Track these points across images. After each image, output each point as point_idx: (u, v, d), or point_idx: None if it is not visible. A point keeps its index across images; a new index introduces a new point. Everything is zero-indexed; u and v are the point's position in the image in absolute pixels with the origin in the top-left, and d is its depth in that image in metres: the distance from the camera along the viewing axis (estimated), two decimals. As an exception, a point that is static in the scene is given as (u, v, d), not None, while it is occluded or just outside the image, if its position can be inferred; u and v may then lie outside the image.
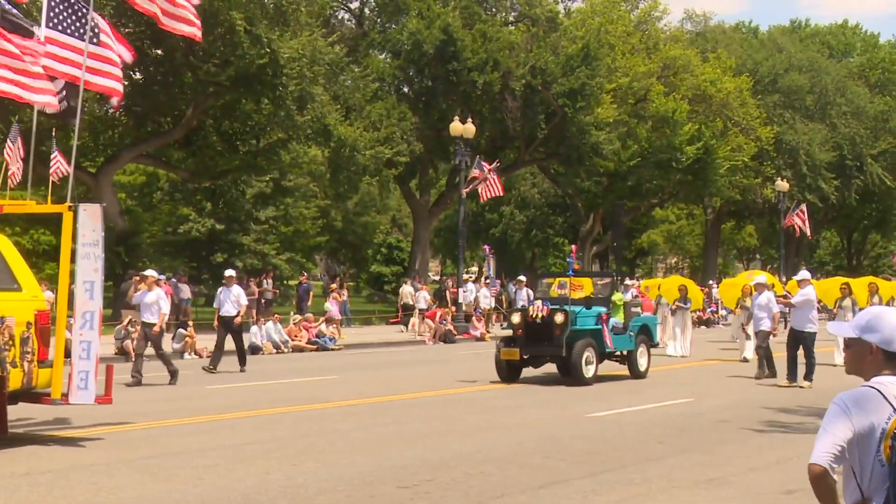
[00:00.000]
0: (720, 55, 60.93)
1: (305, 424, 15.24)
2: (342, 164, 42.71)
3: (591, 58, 47.32)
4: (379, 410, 16.98)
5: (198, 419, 15.72)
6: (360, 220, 75.94)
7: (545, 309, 21.32)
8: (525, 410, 17.11)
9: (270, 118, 38.92)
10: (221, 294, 24.08)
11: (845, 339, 4.82)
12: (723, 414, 16.79)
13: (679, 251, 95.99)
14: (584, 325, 21.45)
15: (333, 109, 40.25)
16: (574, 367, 20.81)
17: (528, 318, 21.51)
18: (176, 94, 37.69)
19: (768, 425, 15.50)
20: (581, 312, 21.65)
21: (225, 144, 41.37)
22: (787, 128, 64.88)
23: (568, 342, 20.85)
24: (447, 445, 13.32)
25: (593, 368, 21.27)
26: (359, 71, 44.44)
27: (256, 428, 14.86)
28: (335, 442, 13.48)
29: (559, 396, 19.33)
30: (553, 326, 21.03)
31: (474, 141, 41.86)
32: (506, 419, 15.94)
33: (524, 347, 21.34)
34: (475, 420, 15.83)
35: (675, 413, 16.96)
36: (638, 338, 22.85)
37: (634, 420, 15.98)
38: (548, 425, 15.29)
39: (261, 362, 27.75)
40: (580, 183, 56.85)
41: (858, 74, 75.10)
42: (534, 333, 21.29)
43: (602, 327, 21.73)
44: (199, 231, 52.44)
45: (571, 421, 15.83)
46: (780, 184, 57.52)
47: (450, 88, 45.91)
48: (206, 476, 11.16)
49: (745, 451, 13.16)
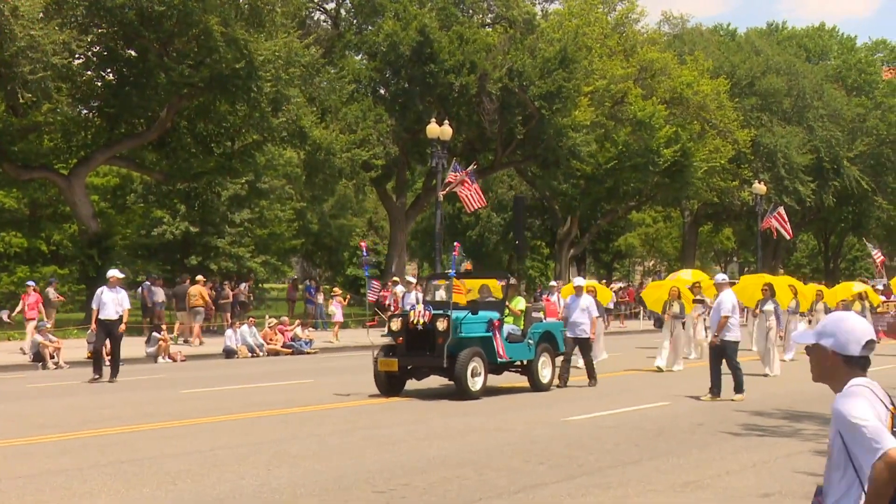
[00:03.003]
0: (697, 57, 61.17)
1: (280, 429, 15.21)
2: (318, 167, 42.65)
3: (569, 60, 47.40)
4: (354, 414, 16.97)
5: (171, 423, 15.67)
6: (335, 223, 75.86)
7: (427, 314, 19.30)
8: (503, 414, 17.13)
9: (245, 120, 38.86)
10: (103, 295, 22.75)
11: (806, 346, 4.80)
12: (699, 417, 16.85)
13: (656, 254, 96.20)
14: (470, 333, 19.43)
15: (309, 111, 40.19)
16: (458, 379, 18.87)
17: (409, 324, 19.47)
18: (150, 95, 37.57)
19: (745, 428, 15.58)
20: (467, 318, 19.50)
21: (199, 146, 41.27)
22: (765, 131, 65.20)
23: (451, 352, 18.99)
24: (424, 449, 13.32)
25: (481, 381, 19.21)
26: (335, 73, 44.40)
27: (230, 432, 14.82)
28: (310, 446, 13.46)
29: (537, 400, 19.35)
30: (435, 334, 19.15)
31: (451, 143, 41.86)
32: (483, 423, 15.95)
33: (403, 357, 19.47)
34: (453, 424, 15.84)
35: (651, 416, 17.01)
36: (539, 346, 20.81)
37: (611, 423, 16.02)
38: (526, 429, 15.31)
39: (235, 366, 27.69)
40: (557, 185, 56.91)
41: (835, 77, 75.59)
42: (415, 342, 19.38)
43: (493, 335, 19.69)
44: (174, 234, 52.28)
45: (549, 424, 15.86)
46: (757, 186, 57.77)
47: (426, 90, 45.89)
48: (179, 481, 11.13)
49: (721, 454, 13.21)
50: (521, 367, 20.89)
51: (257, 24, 37.06)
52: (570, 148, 48.60)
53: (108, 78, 39.24)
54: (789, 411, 17.19)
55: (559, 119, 47.47)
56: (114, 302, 22.69)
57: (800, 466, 12.10)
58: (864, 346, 4.59)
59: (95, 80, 39.18)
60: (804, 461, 12.38)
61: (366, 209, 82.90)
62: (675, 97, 56.83)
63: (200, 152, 41.16)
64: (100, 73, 39.23)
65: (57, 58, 32.66)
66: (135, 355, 29.00)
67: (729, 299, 19.70)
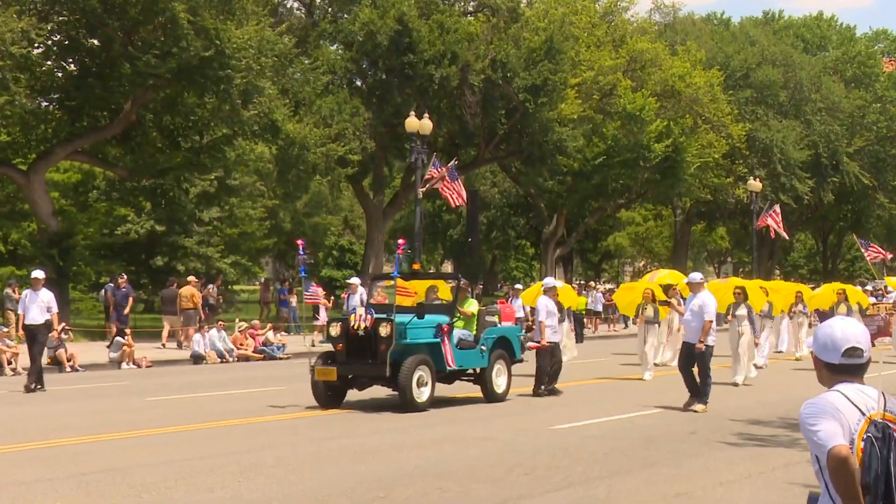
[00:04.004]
0: (690, 48, 61.29)
1: (251, 438, 15.21)
2: (291, 162, 42.58)
3: (555, 51, 47.47)
4: (328, 423, 16.98)
5: (137, 433, 15.65)
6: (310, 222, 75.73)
7: (369, 319, 18.63)
8: (485, 423, 17.16)
9: (214, 113, 38.74)
10: (27, 298, 22.36)
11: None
12: (690, 425, 16.91)
13: (647, 254, 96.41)
14: (416, 339, 18.79)
15: (282, 104, 40.13)
16: (402, 390, 18.19)
17: (349, 329, 18.85)
18: (113, 86, 37.41)
19: (739, 437, 15.64)
20: (413, 323, 18.86)
21: (166, 141, 41.14)
22: (760, 125, 65.40)
23: (395, 359, 18.30)
24: (402, 460, 13.35)
25: (427, 391, 18.55)
26: (309, 63, 44.34)
27: (199, 442, 14.81)
28: (283, 457, 13.46)
29: (520, 408, 19.39)
30: (378, 340, 18.52)
31: (431, 138, 41.88)
32: (465, 432, 15.98)
33: (343, 366, 18.80)
34: (433, 433, 15.86)
35: (641, 425, 17.07)
36: (493, 353, 20.18)
37: (599, 432, 16.07)
38: (509, 438, 15.35)
39: (204, 372, 27.66)
40: (543, 182, 57.00)
41: (834, 69, 75.83)
42: (356, 349, 18.77)
43: (441, 341, 19.13)
44: (138, 233, 52.07)
45: (534, 433, 15.90)
46: (752, 183, 57.94)
47: (405, 82, 45.88)
48: (145, 494, 11.12)
49: (714, 464, 13.26)
50: (473, 376, 20.37)
51: (227, 12, 36.95)
52: (557, 143, 48.67)
53: (69, 68, 39.07)
54: (787, 419, 17.24)
55: (545, 112, 47.53)
56: (38, 305, 22.19)
57: (797, 478, 12.13)
58: (843, 354, 4.76)
59: (56, 71, 39.01)
60: (802, 472, 12.38)
61: (341, 207, 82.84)
62: (666, 90, 56.95)
63: (167, 147, 41.02)
64: (61, 63, 39.06)
65: (15, 47, 32.52)
66: (97, 361, 28.94)
67: (712, 302, 19.39)
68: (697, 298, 19.34)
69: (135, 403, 19.84)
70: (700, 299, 19.26)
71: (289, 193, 49.39)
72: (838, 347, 4.79)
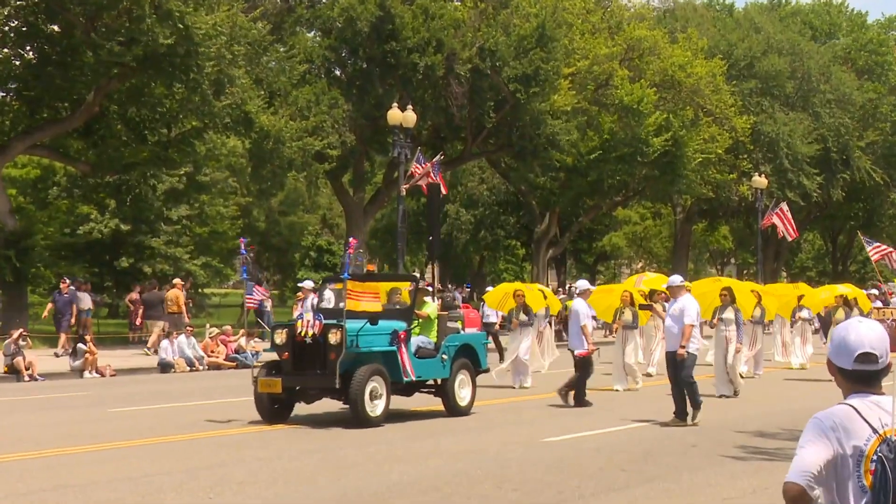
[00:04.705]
0: (691, 36, 61.39)
1: (221, 452, 15.16)
2: (265, 157, 42.51)
3: (547, 38, 47.48)
4: (304, 436, 16.92)
5: (100, 446, 15.59)
6: (285, 221, 75.77)
7: (317, 324, 17.92)
8: (473, 434, 17.13)
9: (183, 104, 38.67)
10: None
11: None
12: (692, 438, 16.90)
13: (645, 255, 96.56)
14: (370, 347, 18.24)
15: (255, 95, 40.06)
16: (353, 403, 17.55)
17: (295, 336, 18.11)
18: (75, 76, 37.32)
19: (743, 450, 15.63)
20: (366, 329, 18.19)
21: (131, 134, 41.06)
22: (766, 117, 65.52)
23: (346, 369, 17.65)
24: (384, 475, 13.31)
25: (382, 405, 17.94)
26: (284, 51, 44.29)
27: (165, 456, 14.76)
28: (256, 472, 13.42)
29: (510, 418, 19.37)
30: (327, 348, 17.87)
31: (415, 131, 41.88)
32: (451, 444, 15.96)
33: (289, 377, 18.16)
34: (418, 446, 15.83)
35: (638, 437, 17.06)
36: (456, 362, 19.64)
37: (594, 445, 16.06)
38: (498, 451, 15.32)
39: (172, 381, 27.59)
40: (534, 179, 56.98)
41: (844, 58, 75.99)
42: (303, 358, 18.17)
43: (398, 349, 18.55)
44: (102, 232, 51.98)
45: (524, 446, 15.88)
46: (757, 180, 58.07)
47: (387, 72, 45.86)
48: (108, 511, 11.08)
49: (717, 479, 13.26)
50: (434, 388, 19.92)
51: (197, -4, 36.90)
52: (549, 136, 48.69)
53: (27, 56, 38.96)
54: (794, 431, 17.19)
55: (536, 104, 47.54)
56: None
57: (804, 492, 12.10)
58: (855, 359, 4.67)
59: (14, 59, 38.90)
60: (809, 486, 12.37)
61: (319, 205, 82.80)
62: (665, 80, 57.03)
63: (132, 140, 40.95)
64: (18, 50, 38.95)
65: (-31, 34, 32.44)
66: (58, 369, 28.85)
67: (693, 306, 18.93)
68: (678, 303, 18.95)
69: (97, 415, 19.77)
70: (681, 303, 18.85)
71: (263, 190, 49.29)
72: (851, 352, 4.69)
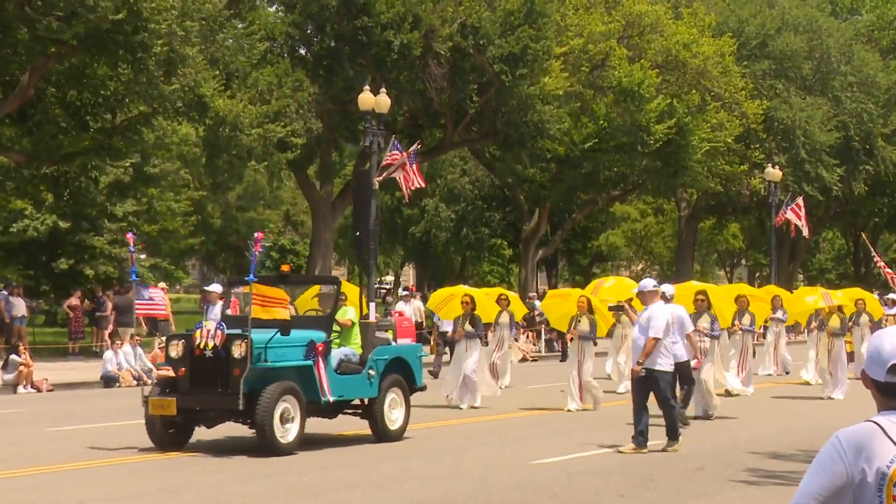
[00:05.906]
0: (697, 11, 61.49)
1: (168, 476, 15.13)
2: (221, 146, 42.47)
3: (536, 14, 47.50)
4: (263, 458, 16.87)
5: (35, 470, 15.55)
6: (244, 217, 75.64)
7: (219, 335, 17.01)
8: (453, 456, 17.14)
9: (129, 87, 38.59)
10: None
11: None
12: (697, 460, 16.93)
13: (645, 256, 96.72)
14: (281, 361, 17.32)
15: (210, 76, 40.03)
16: (260, 427, 16.61)
17: (194, 349, 17.19)
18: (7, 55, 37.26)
19: (755, 474, 15.66)
20: (276, 341, 17.16)
21: (71, 120, 40.99)
22: (780, 102, 65.62)
23: (251, 388, 16.74)
24: (354, 500, 13.31)
25: (295, 429, 17.02)
26: (243, 27, 44.22)
27: (110, 480, 14.73)
28: (210, 497, 13.41)
29: (493, 438, 19.39)
30: (230, 363, 16.92)
31: (389, 117, 41.83)
32: (430, 467, 15.96)
33: (185, 396, 17.12)
34: (392, 468, 15.83)
35: (637, 460, 17.06)
36: (385, 379, 18.64)
37: (588, 468, 16.08)
38: (482, 474, 15.34)
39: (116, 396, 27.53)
40: (522, 171, 57.05)
41: (867, 36, 76.18)
42: (202, 374, 17.20)
43: (315, 363, 17.59)
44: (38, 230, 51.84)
45: (510, 468, 15.89)
46: (770, 172, 58.15)
47: (358, 51, 45.82)
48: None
49: (725, 505, 13.31)
50: (360, 408, 19.04)
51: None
52: (538, 123, 48.69)
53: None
54: (811, 452, 17.22)
55: (524, 87, 47.54)
56: None
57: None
58: (889, 371, 4.66)
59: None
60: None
61: (282, 200, 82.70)
62: (669, 60, 57.10)
63: (72, 127, 40.87)
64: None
65: None
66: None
67: (662, 316, 17.80)
68: (647, 311, 17.93)
69: (32, 434, 19.74)
70: (649, 312, 17.83)
71: (219, 183, 49.38)
72: (884, 362, 4.68)
